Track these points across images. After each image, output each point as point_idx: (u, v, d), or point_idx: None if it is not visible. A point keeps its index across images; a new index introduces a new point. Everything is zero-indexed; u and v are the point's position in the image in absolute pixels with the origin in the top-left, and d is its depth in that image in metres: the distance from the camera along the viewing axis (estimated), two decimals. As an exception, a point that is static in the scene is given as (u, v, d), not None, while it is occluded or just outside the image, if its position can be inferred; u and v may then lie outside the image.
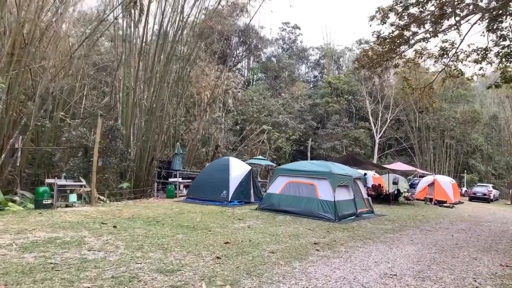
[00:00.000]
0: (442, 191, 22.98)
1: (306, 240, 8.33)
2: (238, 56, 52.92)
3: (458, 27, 12.89)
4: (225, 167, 15.03)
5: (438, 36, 13.12)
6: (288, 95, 39.97)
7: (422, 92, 14.31)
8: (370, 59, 12.00)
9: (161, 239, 7.54)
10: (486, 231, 11.80)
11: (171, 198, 15.96)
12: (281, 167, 14.74)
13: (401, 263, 6.68)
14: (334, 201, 12.01)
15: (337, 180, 12.49)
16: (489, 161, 43.39)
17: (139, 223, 9.26)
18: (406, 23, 11.23)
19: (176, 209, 12.33)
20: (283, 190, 13.12)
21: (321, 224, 10.86)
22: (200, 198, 14.74)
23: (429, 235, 10.20)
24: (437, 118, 38.95)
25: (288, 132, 30.94)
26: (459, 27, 12.93)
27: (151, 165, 19.53)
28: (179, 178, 17.30)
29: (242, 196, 14.87)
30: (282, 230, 9.47)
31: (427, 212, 17.37)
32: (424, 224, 12.70)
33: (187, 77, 22.34)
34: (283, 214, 12.36)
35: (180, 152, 16.78)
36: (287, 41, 55.83)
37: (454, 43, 13.38)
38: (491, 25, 11.36)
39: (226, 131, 32.07)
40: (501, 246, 9.10)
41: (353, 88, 44.17)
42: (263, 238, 8.29)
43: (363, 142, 41.02)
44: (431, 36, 13.02)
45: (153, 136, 19.57)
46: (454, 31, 12.98)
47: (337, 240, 8.55)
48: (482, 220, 15.44)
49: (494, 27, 11.22)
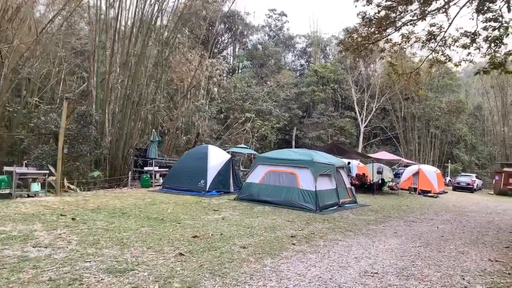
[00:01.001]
0: (426, 181, 22.71)
1: (283, 233, 7.72)
2: (223, 42, 51.80)
3: (446, 10, 12.34)
4: (203, 155, 14.30)
5: (425, 20, 12.56)
6: (274, 83, 39.18)
7: (408, 78, 13.76)
8: (355, 41, 11.35)
9: (122, 233, 6.83)
10: (471, 222, 11.41)
11: (146, 187, 15.17)
12: (261, 155, 14.10)
13: (383, 259, 6.12)
14: (315, 191, 11.44)
15: (318, 169, 11.90)
16: (472, 151, 43.59)
17: (102, 215, 8.50)
18: (392, 3, 10.57)
19: (148, 199, 11.59)
20: (263, 180, 12.49)
21: (301, 215, 10.28)
22: (176, 188, 14.00)
23: (414, 227, 9.72)
24: (422, 108, 38.76)
25: (272, 120, 30.17)
26: (448, 10, 12.38)
27: (128, 153, 18.67)
28: (155, 167, 16.49)
29: (221, 185, 14.18)
30: (258, 221, 8.84)
31: (411, 202, 17.02)
32: (409, 214, 12.25)
33: (166, 61, 21.35)
34: (262, 204, 11.75)
35: (156, 140, 15.96)
36: (273, 28, 54.79)
37: (442, 27, 12.83)
38: (480, 7, 10.80)
39: (211, 119, 31.18)
40: (487, 238, 8.66)
41: (339, 77, 43.59)
42: (237, 231, 7.64)
43: (349, 132, 40.65)
44: (419, 19, 12.44)
45: (130, 123, 18.65)
46: (442, 15, 12.44)
47: (316, 233, 7.96)
48: (466, 210, 15.12)
49: (485, 8, 10.66)
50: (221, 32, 50.14)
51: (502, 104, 37.82)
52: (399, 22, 12.33)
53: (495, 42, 11.67)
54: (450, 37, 12.89)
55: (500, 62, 11.72)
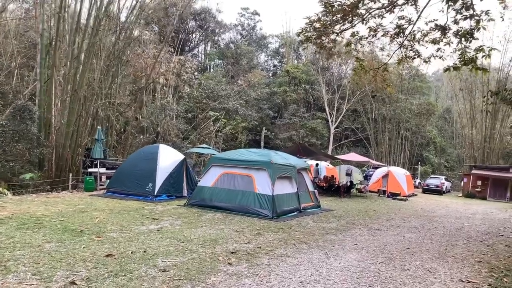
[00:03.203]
0: (396, 183, 22.08)
1: (223, 248, 6.49)
2: (194, 40, 50.24)
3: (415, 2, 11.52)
4: (153, 155, 12.88)
5: (394, 12, 11.71)
6: (244, 82, 38.01)
7: (375, 74, 12.86)
8: (317, 30, 10.31)
9: (14, 252, 5.42)
10: (440, 229, 10.54)
11: (89, 191, 13.60)
12: (215, 156, 12.83)
13: (335, 283, 4.98)
14: (272, 195, 10.28)
15: (277, 171, 10.75)
16: (442, 154, 43.86)
17: (7, 226, 7.02)
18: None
19: (81, 206, 10.11)
20: (217, 183, 11.22)
21: (254, 223, 9.09)
22: (121, 192, 12.52)
23: (378, 236, 8.70)
24: (393, 109, 38.54)
25: (236, 119, 28.85)
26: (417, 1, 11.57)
27: (76, 153, 16.99)
28: (102, 168, 14.92)
29: (172, 189, 12.80)
30: (200, 233, 7.58)
31: (379, 205, 16.17)
32: (374, 221, 11.28)
33: (122, 54, 19.75)
34: (214, 211, 10.49)
35: (101, 138, 14.39)
36: (246, 28, 53.68)
37: (411, 20, 12.01)
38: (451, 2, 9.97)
39: (178, 118, 29.60)
40: (458, 250, 7.72)
41: (311, 78, 42.94)
42: (167, 246, 6.36)
43: (320, 133, 39.98)
44: (387, 11, 11.57)
45: (79, 120, 16.98)
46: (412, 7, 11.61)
47: (263, 246, 6.78)
48: (435, 214, 14.37)
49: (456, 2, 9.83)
50: (192, 30, 48.65)
51: (470, 107, 38.07)
52: (366, 13, 11.41)
53: (466, 37, 10.90)
54: (419, 31, 12.12)
55: (471, 58, 10.97)
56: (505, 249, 8.23)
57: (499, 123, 35.47)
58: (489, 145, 35.62)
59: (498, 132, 35.80)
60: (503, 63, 35.84)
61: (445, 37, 11.64)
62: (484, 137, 35.86)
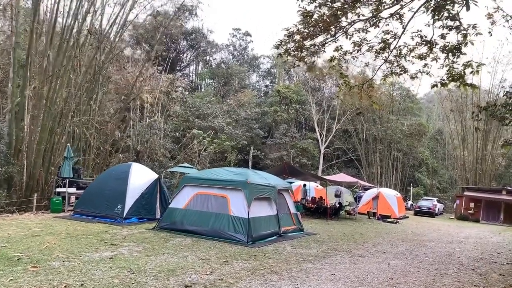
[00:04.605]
0: (386, 205, 21.30)
1: (178, 280, 5.64)
2: (186, 60, 50.07)
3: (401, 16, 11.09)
4: (124, 174, 12.03)
5: (379, 26, 11.27)
6: (234, 101, 37.56)
7: (360, 90, 12.30)
8: (297, 43, 9.78)
9: None
10: (429, 255, 9.74)
11: (56, 212, 12.64)
12: (188, 175, 12.01)
13: (297, 326, 4.17)
14: (248, 218, 9.47)
15: (254, 191, 9.97)
16: (434, 175, 43.31)
17: None
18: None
19: (36, 229, 9.20)
20: (189, 204, 10.38)
21: (225, 250, 8.24)
22: (89, 214, 11.60)
23: (360, 264, 7.88)
24: (384, 130, 38.16)
25: (221, 137, 28.11)
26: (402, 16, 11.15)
27: (49, 172, 16.10)
28: (72, 188, 14.01)
29: (144, 211, 11.91)
30: (158, 261, 6.72)
31: (367, 229, 15.35)
32: (359, 246, 10.46)
33: (103, 70, 19.13)
34: (184, 235, 9.63)
35: (70, 156, 13.56)
36: (237, 48, 53.80)
37: (396, 35, 11.56)
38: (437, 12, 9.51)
39: (165, 137, 28.80)
40: (447, 281, 6.93)
41: (302, 98, 42.71)
42: (113, 278, 5.50)
43: (311, 153, 39.34)
44: (372, 25, 11.11)
45: (53, 138, 16.17)
46: (397, 22, 11.17)
47: (225, 278, 5.94)
48: (426, 238, 13.58)
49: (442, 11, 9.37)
50: (183, 49, 48.54)
51: (462, 128, 37.79)
52: (348, 26, 10.95)
53: (453, 52, 10.43)
54: (405, 46, 11.67)
55: (459, 74, 10.46)
56: (499, 279, 7.45)
57: (490, 144, 35.12)
58: (481, 167, 35.13)
59: (489, 153, 35.40)
60: (493, 84, 35.87)
61: (432, 52, 11.18)
62: (476, 158, 35.41)
